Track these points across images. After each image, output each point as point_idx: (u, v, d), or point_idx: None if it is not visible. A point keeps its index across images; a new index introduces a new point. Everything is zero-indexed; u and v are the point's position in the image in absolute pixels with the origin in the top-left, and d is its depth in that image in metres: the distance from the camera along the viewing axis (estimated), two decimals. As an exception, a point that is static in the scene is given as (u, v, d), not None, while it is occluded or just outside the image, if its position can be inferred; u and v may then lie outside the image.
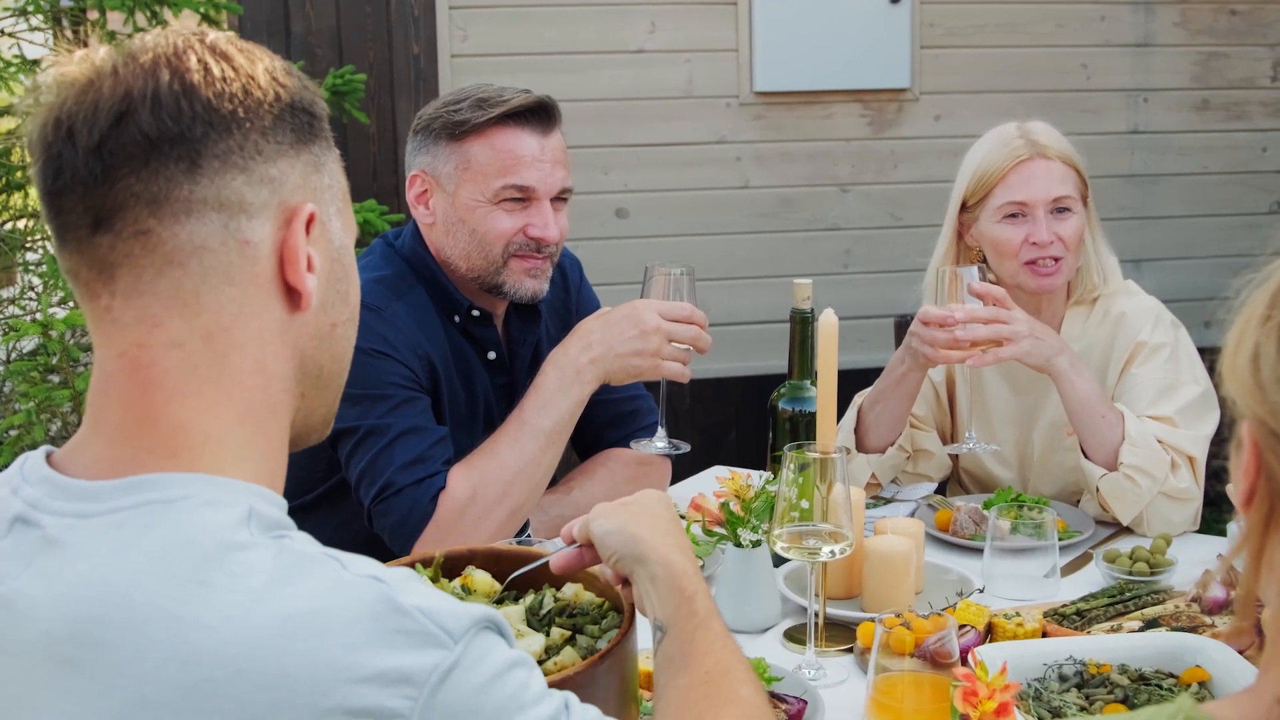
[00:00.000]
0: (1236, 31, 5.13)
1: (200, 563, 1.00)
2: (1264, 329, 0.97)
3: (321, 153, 1.17)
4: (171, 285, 1.07)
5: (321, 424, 1.24)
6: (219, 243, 1.08)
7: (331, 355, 1.19)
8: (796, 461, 1.87)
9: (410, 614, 0.99)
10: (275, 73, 1.14)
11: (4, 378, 3.55)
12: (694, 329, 2.29)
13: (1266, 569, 0.98)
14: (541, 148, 2.33)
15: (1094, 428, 2.43)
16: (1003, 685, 1.49)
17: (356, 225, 1.26)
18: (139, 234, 1.06)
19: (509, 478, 2.21)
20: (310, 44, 4.58)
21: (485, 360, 2.44)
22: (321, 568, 1.01)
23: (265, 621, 0.96)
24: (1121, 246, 5.00)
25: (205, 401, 1.08)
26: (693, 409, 4.98)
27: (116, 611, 0.98)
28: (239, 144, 1.08)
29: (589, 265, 2.72)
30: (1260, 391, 0.96)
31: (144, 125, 1.05)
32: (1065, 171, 2.58)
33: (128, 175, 1.05)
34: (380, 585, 1.00)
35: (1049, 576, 2.19)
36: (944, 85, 4.99)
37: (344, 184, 1.22)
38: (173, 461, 1.06)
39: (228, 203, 1.08)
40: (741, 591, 2.08)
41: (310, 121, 1.15)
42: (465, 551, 1.57)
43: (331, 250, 1.17)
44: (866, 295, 4.91)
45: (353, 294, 1.22)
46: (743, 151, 4.92)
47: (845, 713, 1.79)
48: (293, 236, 1.12)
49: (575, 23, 4.76)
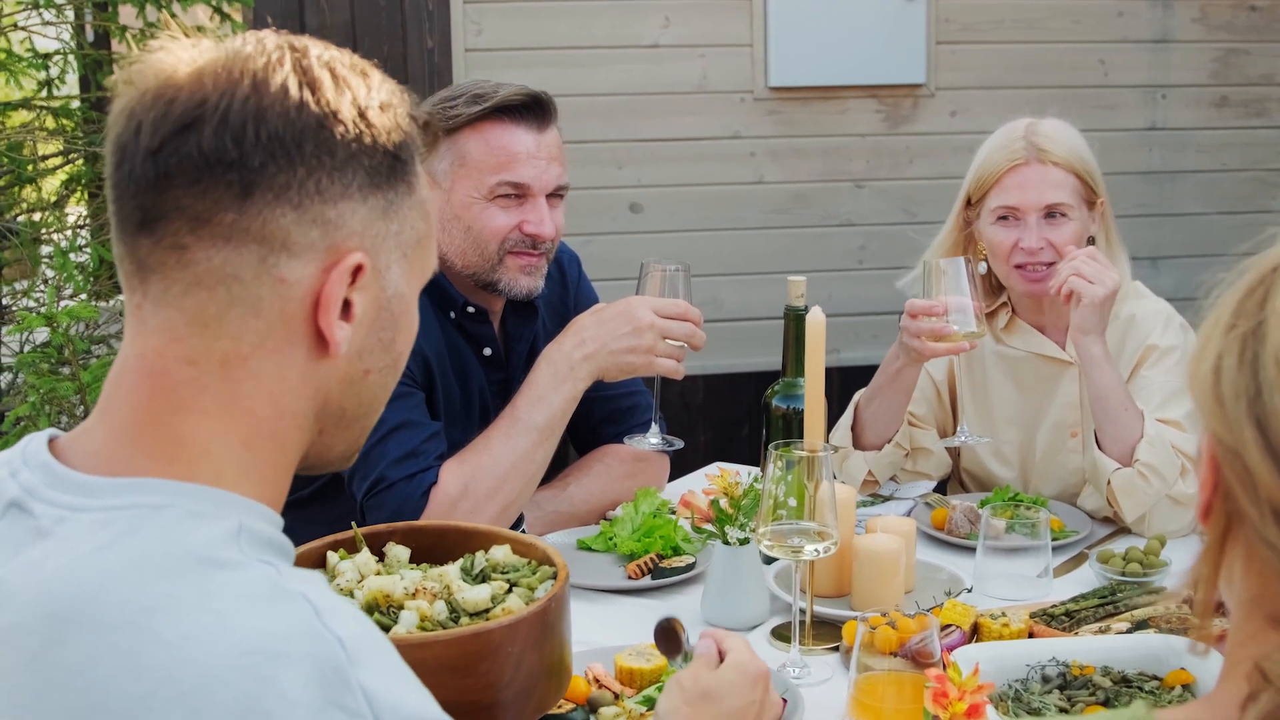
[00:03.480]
0: (1256, 28, 5.08)
1: (175, 573, 0.98)
2: (1227, 338, 0.94)
3: (398, 198, 1.11)
4: (196, 306, 1.05)
5: (341, 459, 1.20)
6: (252, 275, 1.05)
7: (358, 400, 1.15)
8: (782, 459, 1.87)
9: (353, 691, 0.95)
10: (366, 108, 1.08)
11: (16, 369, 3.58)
12: (688, 326, 2.29)
13: (1225, 582, 0.97)
14: (537, 144, 2.33)
15: (1115, 419, 2.41)
16: (975, 686, 1.49)
17: (432, 268, 1.20)
18: (175, 247, 1.04)
19: (501, 473, 2.21)
20: (324, 38, 4.53)
21: (481, 356, 2.45)
22: (294, 607, 0.98)
23: (223, 649, 0.94)
24: (1138, 244, 4.99)
25: (211, 420, 1.06)
26: (705, 405, 4.98)
27: (83, 612, 0.98)
28: (299, 180, 1.04)
29: (602, 260, 2.72)
30: (1220, 407, 0.93)
31: (204, 142, 1.02)
32: (1064, 177, 2.55)
33: (179, 187, 1.03)
34: (340, 651, 0.96)
35: (1042, 576, 2.18)
36: (960, 81, 4.96)
37: (419, 230, 1.15)
38: (170, 469, 1.05)
39: (271, 237, 1.04)
40: (729, 589, 2.08)
41: (392, 164, 1.10)
42: (384, 529, 1.64)
43: (382, 299, 1.12)
44: (880, 291, 4.88)
45: (399, 342, 1.17)
46: (757, 147, 4.90)
47: (827, 711, 1.79)
48: (331, 284, 1.07)
49: (589, 17, 4.76)
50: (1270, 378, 0.90)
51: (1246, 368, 0.92)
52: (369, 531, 1.64)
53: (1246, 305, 0.94)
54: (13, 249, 3.70)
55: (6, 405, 3.59)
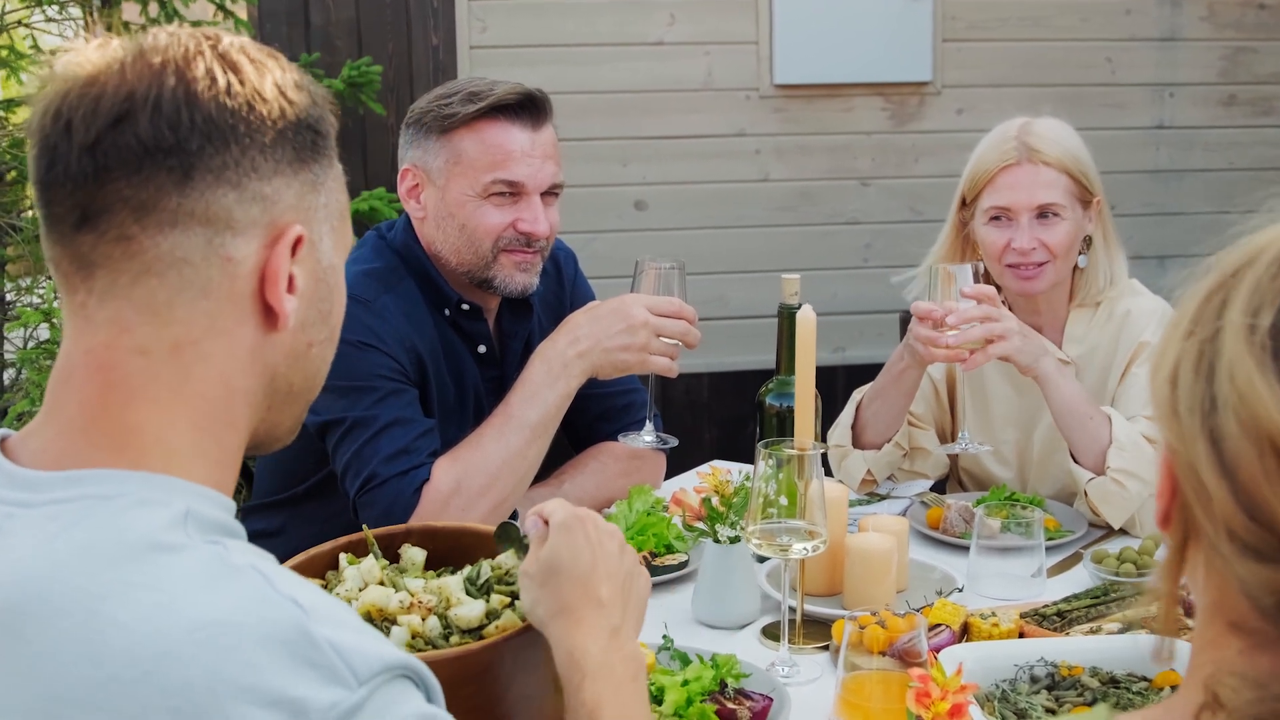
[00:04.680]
0: (1265, 26, 5.06)
1: (124, 560, 0.99)
2: (1185, 344, 0.90)
3: (321, 171, 1.15)
4: (146, 294, 1.06)
5: (286, 433, 1.23)
6: (201, 257, 1.07)
7: (304, 374, 1.18)
8: (770, 458, 1.87)
9: (320, 646, 0.96)
10: (285, 87, 1.12)
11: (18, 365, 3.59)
12: (682, 324, 2.29)
13: (1191, 584, 0.95)
14: (532, 142, 2.32)
15: (1081, 430, 2.41)
16: (958, 686, 1.48)
17: (351, 239, 1.25)
18: (122, 239, 1.05)
19: (493, 470, 2.21)
20: (329, 35, 4.61)
21: (475, 354, 2.45)
22: (245, 579, 0.99)
23: (178, 626, 0.95)
24: (1145, 242, 4.97)
25: (162, 408, 1.08)
26: (710, 402, 4.98)
27: (35, 603, 0.98)
28: (235, 160, 1.07)
29: (606, 258, 2.72)
30: (1175, 419, 0.88)
31: (141, 131, 1.04)
32: (1055, 177, 2.54)
33: (119, 178, 1.04)
34: (298, 611, 0.97)
35: (1035, 576, 2.18)
36: (966, 79, 4.96)
37: (342, 202, 1.20)
38: (119, 459, 1.06)
39: (215, 218, 1.07)
40: (719, 587, 2.08)
41: (314, 139, 1.14)
42: (400, 530, 1.59)
43: (318, 270, 1.16)
44: (886, 290, 4.85)
45: (335, 313, 1.21)
46: (762, 144, 4.90)
47: (815, 711, 1.79)
48: (276, 257, 1.10)
49: (594, 14, 4.76)
50: (1224, 393, 0.85)
51: (1202, 379, 0.87)
52: (385, 533, 1.59)
53: (1205, 311, 0.89)
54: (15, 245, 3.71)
55: (8, 401, 3.61)
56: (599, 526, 1.41)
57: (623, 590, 1.38)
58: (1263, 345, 0.84)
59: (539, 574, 1.37)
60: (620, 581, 1.38)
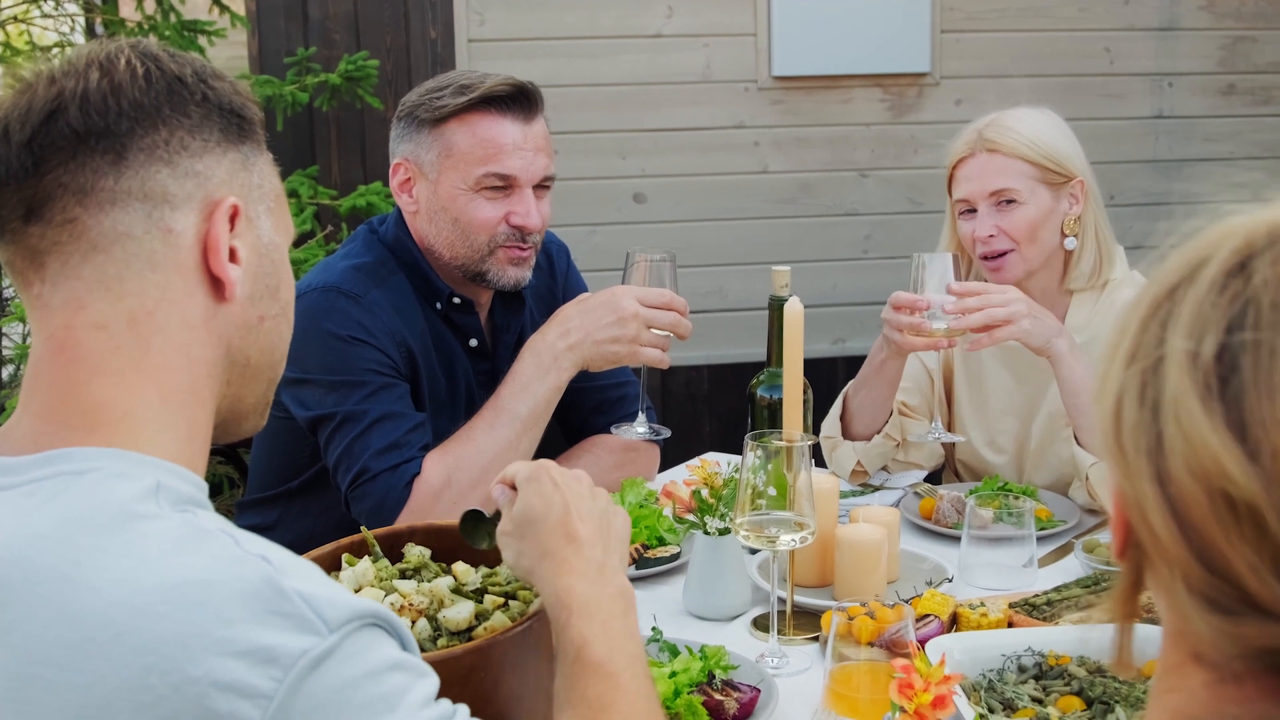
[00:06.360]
0: (1264, 15, 5.04)
1: (99, 530, 1.03)
2: (1127, 373, 0.81)
3: (251, 153, 1.23)
4: (96, 270, 1.13)
5: (254, 412, 1.28)
6: (142, 230, 1.13)
7: (260, 348, 1.24)
8: (757, 449, 1.87)
9: (289, 597, 1.00)
10: (204, 75, 1.20)
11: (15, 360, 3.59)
12: (673, 315, 2.29)
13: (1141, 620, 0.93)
14: (523, 135, 2.32)
15: (1088, 412, 2.41)
16: (941, 677, 1.48)
17: (293, 228, 1.31)
18: (67, 222, 1.12)
19: (484, 464, 2.21)
20: (327, 29, 4.61)
21: (467, 347, 2.45)
22: (215, 542, 1.03)
23: (151, 587, 0.99)
24: (1144, 233, 4.96)
25: (126, 381, 1.13)
26: (710, 394, 4.98)
27: (13, 572, 1.02)
28: (164, 139, 1.14)
29: (605, 250, 2.71)
30: (1121, 456, 0.80)
31: (72, 121, 1.11)
32: (1009, 163, 2.55)
33: (57, 167, 1.11)
34: (266, 565, 1.01)
35: (1027, 566, 2.18)
36: (965, 70, 4.94)
37: (276, 186, 1.27)
38: (91, 436, 1.11)
39: (152, 194, 1.14)
40: (710, 579, 2.08)
41: (239, 123, 1.21)
42: (404, 529, 1.59)
43: (259, 245, 1.22)
44: (886, 281, 4.85)
45: (283, 290, 1.27)
46: (761, 136, 4.89)
47: (804, 701, 1.79)
48: (215, 227, 1.17)
49: (592, 7, 4.75)
50: (1170, 435, 0.76)
51: (1147, 413, 0.78)
52: (388, 533, 1.60)
53: (1146, 336, 0.81)
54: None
55: (6, 397, 3.61)
56: (564, 472, 1.44)
57: (600, 527, 1.40)
58: (1206, 379, 0.76)
59: (516, 528, 1.40)
60: (597, 519, 1.41)
